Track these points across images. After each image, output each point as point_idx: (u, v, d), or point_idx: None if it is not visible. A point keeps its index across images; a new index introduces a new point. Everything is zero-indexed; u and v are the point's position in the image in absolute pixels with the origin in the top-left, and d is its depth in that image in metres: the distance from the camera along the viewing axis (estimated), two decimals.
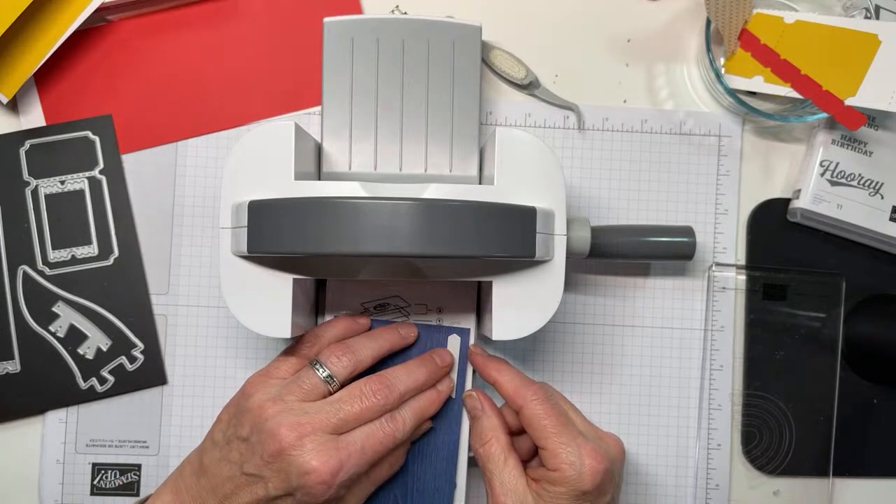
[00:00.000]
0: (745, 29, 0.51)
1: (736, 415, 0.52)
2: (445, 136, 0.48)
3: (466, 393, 0.47)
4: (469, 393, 0.47)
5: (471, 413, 0.46)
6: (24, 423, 0.51)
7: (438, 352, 0.47)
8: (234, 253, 0.42)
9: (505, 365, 0.46)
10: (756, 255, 0.53)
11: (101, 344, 0.51)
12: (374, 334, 0.46)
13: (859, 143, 0.51)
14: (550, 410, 0.43)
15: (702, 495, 0.52)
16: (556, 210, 0.42)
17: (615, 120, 0.53)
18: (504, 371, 0.46)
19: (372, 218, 0.37)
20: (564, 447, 0.41)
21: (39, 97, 0.51)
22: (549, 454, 0.42)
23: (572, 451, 0.41)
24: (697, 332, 0.53)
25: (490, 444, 0.44)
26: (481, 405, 0.46)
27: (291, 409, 0.41)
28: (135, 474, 0.51)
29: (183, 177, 0.52)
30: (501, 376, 0.45)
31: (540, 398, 0.43)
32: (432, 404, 0.45)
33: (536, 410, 0.43)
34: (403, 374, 0.44)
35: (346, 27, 0.47)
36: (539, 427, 0.43)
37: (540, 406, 0.43)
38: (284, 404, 0.41)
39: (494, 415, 0.45)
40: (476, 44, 0.48)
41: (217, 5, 0.52)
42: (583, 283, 0.53)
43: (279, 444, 0.39)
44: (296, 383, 0.42)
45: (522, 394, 0.44)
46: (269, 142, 0.42)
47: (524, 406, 0.43)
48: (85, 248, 0.51)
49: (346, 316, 0.48)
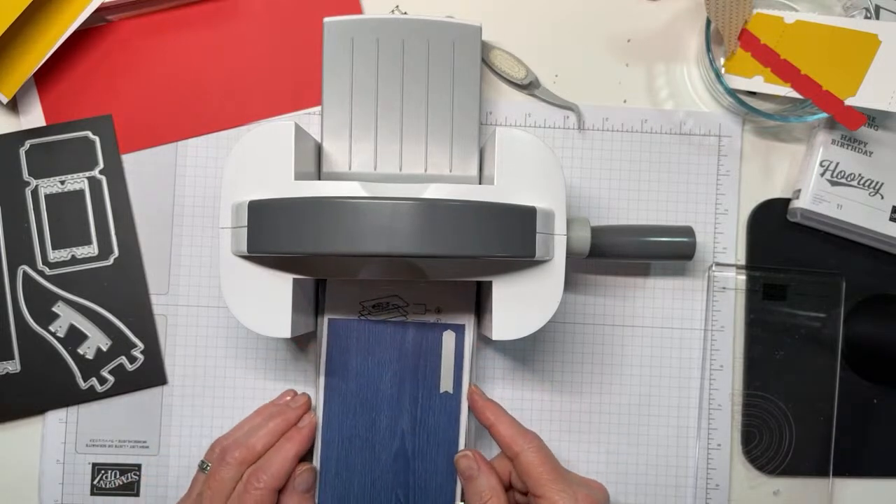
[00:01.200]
0: (745, 29, 0.51)
1: (736, 415, 0.52)
2: (445, 136, 0.48)
3: (461, 453, 0.47)
4: (464, 453, 0.47)
5: (466, 473, 0.46)
6: (24, 423, 0.51)
7: (295, 399, 0.49)
8: (234, 253, 0.42)
9: (501, 410, 0.48)
10: (756, 255, 0.53)
11: (101, 344, 0.51)
12: (257, 426, 0.48)
13: (859, 143, 0.51)
14: (545, 459, 0.45)
15: (702, 495, 0.52)
16: (556, 210, 0.42)
17: (615, 120, 0.53)
18: (501, 417, 0.47)
19: (372, 218, 0.37)
20: (561, 494, 0.43)
21: (39, 97, 0.51)
22: (546, 501, 0.43)
23: (568, 497, 0.43)
24: (697, 332, 0.53)
25: (490, 502, 0.45)
26: (477, 465, 0.46)
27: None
28: (135, 474, 0.51)
29: (183, 177, 0.52)
30: (499, 422, 0.46)
31: (535, 447, 0.45)
32: (295, 446, 0.46)
33: (532, 458, 0.44)
34: (258, 437, 0.46)
35: (346, 27, 0.47)
36: (535, 475, 0.44)
37: (535, 455, 0.45)
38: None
39: (491, 473, 0.46)
40: (476, 44, 0.48)
41: (217, 5, 0.52)
42: (583, 283, 0.53)
43: None
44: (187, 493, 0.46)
45: (519, 442, 0.45)
46: (269, 142, 0.42)
47: (520, 454, 0.45)
48: (85, 248, 0.51)
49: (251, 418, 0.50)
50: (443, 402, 0.48)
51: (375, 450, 0.48)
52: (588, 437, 0.52)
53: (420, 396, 0.48)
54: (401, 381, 0.48)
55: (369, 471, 0.48)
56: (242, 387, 0.51)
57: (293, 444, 0.46)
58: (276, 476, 0.44)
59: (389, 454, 0.48)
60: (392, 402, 0.48)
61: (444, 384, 0.48)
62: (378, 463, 0.48)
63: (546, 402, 0.52)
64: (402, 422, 0.48)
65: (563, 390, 0.52)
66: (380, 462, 0.48)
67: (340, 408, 0.48)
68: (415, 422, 0.48)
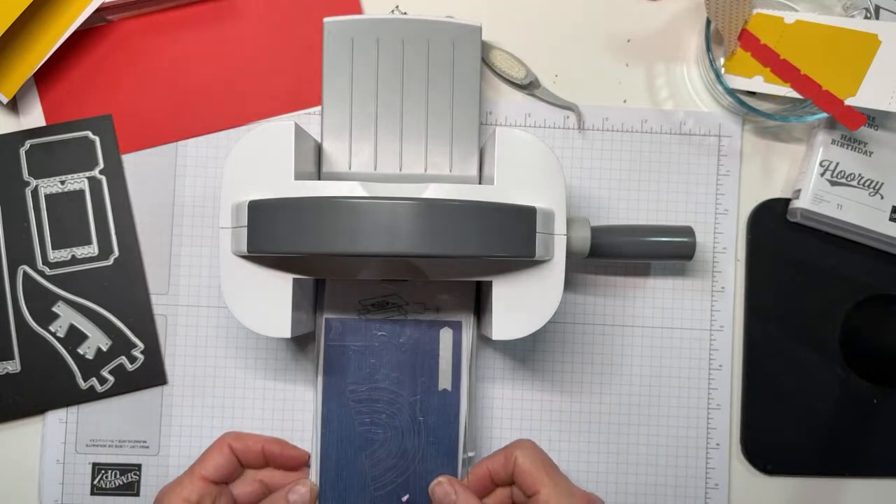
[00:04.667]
0: (745, 29, 0.51)
1: (735, 414, 0.52)
2: (445, 136, 0.48)
3: (435, 482, 0.47)
4: (437, 482, 0.47)
5: (444, 501, 0.46)
6: (24, 423, 0.51)
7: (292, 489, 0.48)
8: (234, 253, 0.42)
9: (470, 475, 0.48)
10: (756, 255, 0.53)
11: (101, 344, 0.51)
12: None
13: (859, 143, 0.51)
14: (539, 459, 0.45)
15: (701, 495, 0.52)
16: (556, 210, 0.42)
17: (615, 120, 0.53)
18: (477, 468, 0.48)
19: (372, 218, 0.37)
20: (556, 488, 0.43)
21: (39, 97, 0.51)
22: (541, 497, 0.43)
23: (562, 490, 0.43)
24: (697, 331, 0.53)
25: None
26: (453, 489, 0.46)
27: None
28: (135, 474, 0.51)
29: (183, 177, 0.52)
30: (478, 467, 0.47)
31: (527, 448, 0.46)
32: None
33: (524, 461, 0.45)
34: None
35: (346, 27, 0.47)
36: (530, 475, 0.44)
37: (529, 455, 0.45)
38: None
39: (469, 495, 0.46)
40: (476, 44, 0.48)
41: (217, 5, 0.52)
42: (583, 283, 0.53)
43: None
44: None
45: (511, 451, 0.46)
46: (269, 142, 0.42)
47: (516, 459, 0.45)
48: (85, 248, 0.51)
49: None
50: (441, 399, 0.48)
51: (375, 449, 0.48)
52: (588, 436, 0.52)
53: (419, 395, 0.48)
54: (399, 381, 0.48)
55: (369, 470, 0.48)
56: (242, 387, 0.51)
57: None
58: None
59: (389, 453, 0.48)
60: (391, 401, 0.48)
61: (442, 382, 0.48)
62: (378, 462, 0.48)
63: (546, 402, 0.52)
64: (402, 421, 0.48)
65: (562, 390, 0.52)
66: (379, 462, 0.48)
67: (339, 408, 0.48)
68: (414, 421, 0.48)
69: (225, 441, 0.47)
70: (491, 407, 0.52)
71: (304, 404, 0.51)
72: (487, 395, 0.52)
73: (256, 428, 0.51)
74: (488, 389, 0.52)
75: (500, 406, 0.52)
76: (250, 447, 0.48)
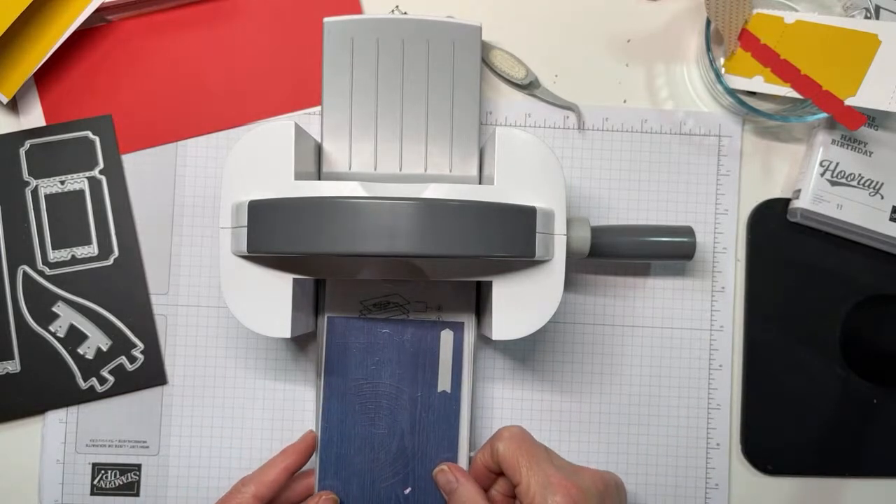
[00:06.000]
0: (745, 29, 0.51)
1: (736, 414, 0.52)
2: (445, 136, 0.48)
3: (438, 469, 0.47)
4: (440, 468, 0.47)
5: (446, 488, 0.46)
6: (24, 423, 0.51)
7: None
8: (234, 253, 0.42)
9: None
10: (756, 255, 0.53)
11: (101, 344, 0.51)
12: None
13: (859, 143, 0.51)
14: (519, 446, 0.44)
15: (701, 495, 0.52)
16: (556, 210, 0.42)
17: (615, 120, 0.53)
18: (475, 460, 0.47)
19: (372, 218, 0.37)
20: (534, 477, 0.42)
21: (39, 97, 0.51)
22: (521, 487, 0.42)
23: (540, 479, 0.42)
24: (697, 331, 0.53)
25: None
26: (455, 477, 0.46)
27: None
28: (135, 474, 0.51)
29: (183, 177, 0.52)
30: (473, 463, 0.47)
31: (508, 436, 0.44)
32: (287, 457, 0.47)
33: (504, 450, 0.44)
34: None
35: (346, 27, 0.47)
36: (510, 464, 0.43)
37: (509, 444, 0.44)
38: None
39: (470, 482, 0.45)
40: (476, 44, 0.48)
41: (217, 5, 0.52)
42: (583, 283, 0.53)
43: None
44: None
45: (494, 442, 0.45)
46: (269, 142, 0.42)
47: (497, 449, 0.44)
48: (85, 248, 0.51)
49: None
50: (441, 401, 0.48)
51: (375, 449, 0.48)
52: (587, 436, 0.52)
53: (419, 395, 0.48)
54: (400, 381, 0.48)
55: (369, 470, 0.48)
56: (242, 387, 0.51)
57: (285, 456, 0.46)
58: (262, 483, 0.45)
59: (389, 453, 0.48)
60: (392, 401, 0.48)
61: (442, 383, 0.48)
62: (378, 462, 0.48)
63: (546, 402, 0.52)
64: (402, 421, 0.48)
65: (562, 390, 0.52)
66: (379, 461, 0.48)
67: (340, 407, 0.48)
68: (414, 421, 0.48)
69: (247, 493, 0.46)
70: (491, 407, 0.52)
71: (304, 404, 0.51)
72: (487, 395, 0.52)
73: (257, 427, 0.51)
74: (488, 389, 0.52)
75: (500, 406, 0.52)
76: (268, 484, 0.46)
